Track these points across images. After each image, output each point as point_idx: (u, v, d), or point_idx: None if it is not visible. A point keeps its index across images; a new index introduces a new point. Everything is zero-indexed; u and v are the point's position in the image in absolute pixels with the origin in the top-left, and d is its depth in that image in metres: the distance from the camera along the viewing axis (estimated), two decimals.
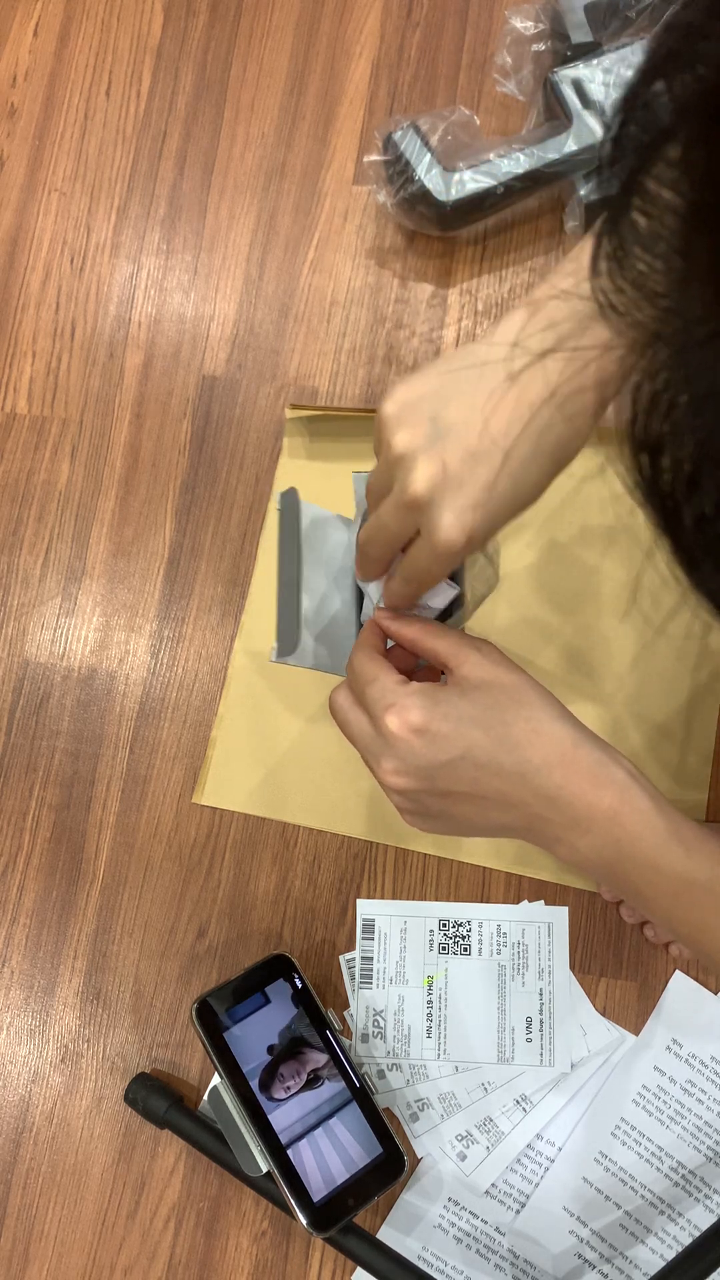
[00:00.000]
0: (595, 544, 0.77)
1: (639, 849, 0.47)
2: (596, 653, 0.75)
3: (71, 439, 0.83)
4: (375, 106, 0.87)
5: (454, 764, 0.47)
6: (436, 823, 0.51)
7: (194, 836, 0.76)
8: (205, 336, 0.85)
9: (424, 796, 0.49)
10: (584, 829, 0.48)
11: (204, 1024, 0.67)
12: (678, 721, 0.74)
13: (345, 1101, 0.67)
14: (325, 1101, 0.67)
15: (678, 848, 0.47)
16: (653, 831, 0.47)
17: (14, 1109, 0.73)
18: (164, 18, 0.91)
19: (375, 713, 0.49)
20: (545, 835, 0.49)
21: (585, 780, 0.47)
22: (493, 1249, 0.68)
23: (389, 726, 0.48)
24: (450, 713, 0.48)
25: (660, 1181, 0.68)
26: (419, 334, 0.82)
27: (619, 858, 0.48)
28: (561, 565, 0.77)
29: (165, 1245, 0.71)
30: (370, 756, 0.50)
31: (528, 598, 0.76)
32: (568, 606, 0.76)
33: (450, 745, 0.47)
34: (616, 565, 0.76)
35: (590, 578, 0.76)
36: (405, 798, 0.50)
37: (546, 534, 0.77)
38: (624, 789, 0.48)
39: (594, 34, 0.78)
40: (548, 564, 0.77)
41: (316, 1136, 0.66)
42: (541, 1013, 0.70)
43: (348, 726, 0.52)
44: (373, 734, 0.50)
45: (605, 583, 0.76)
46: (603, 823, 0.47)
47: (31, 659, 0.80)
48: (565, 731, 0.48)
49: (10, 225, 0.88)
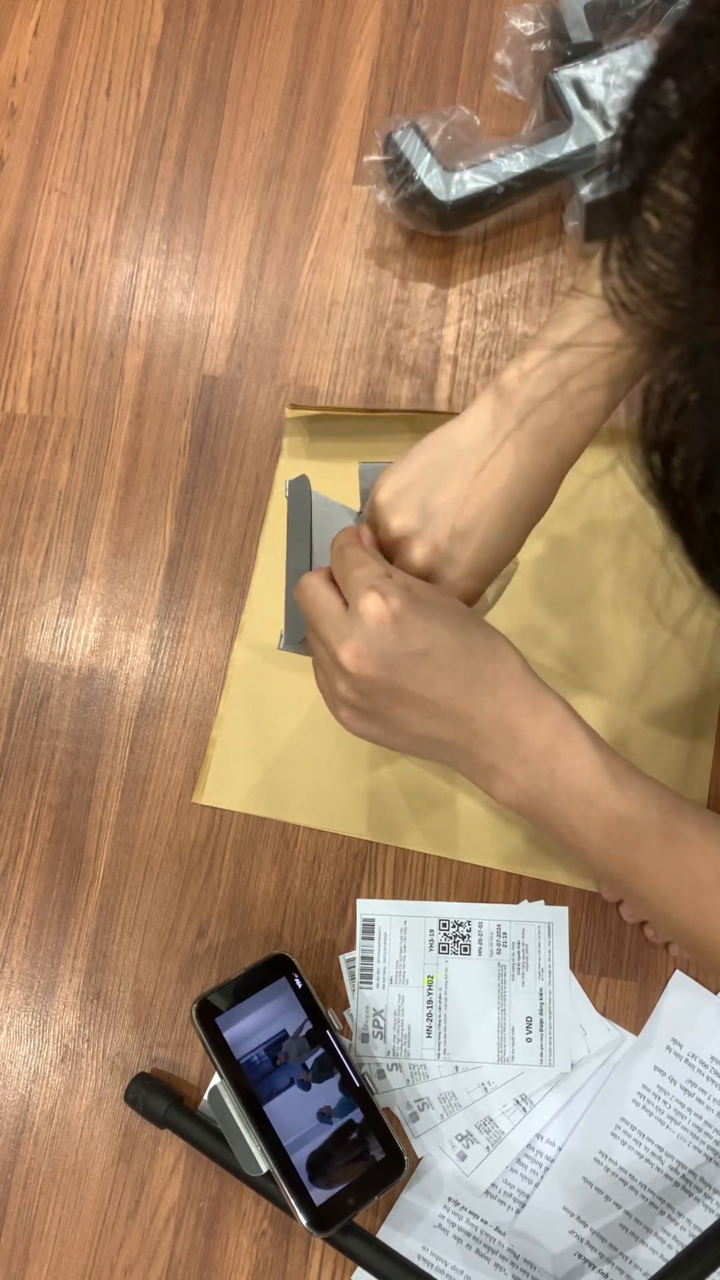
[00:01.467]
0: (604, 540, 0.77)
1: (573, 780, 0.48)
2: (599, 649, 0.75)
3: (71, 439, 0.83)
4: (375, 106, 0.87)
5: (416, 658, 0.48)
6: (374, 725, 0.52)
7: (194, 836, 0.76)
8: (205, 336, 0.85)
9: (374, 690, 0.49)
10: (520, 758, 0.49)
11: (204, 1024, 0.67)
12: (681, 720, 0.74)
13: (345, 1101, 0.67)
14: (325, 1101, 0.67)
15: (612, 785, 0.48)
16: (589, 764, 0.48)
17: (14, 1109, 0.73)
18: (164, 18, 0.91)
19: (356, 592, 0.50)
20: (480, 761, 0.50)
21: (528, 706, 0.49)
22: (493, 1249, 0.68)
23: (367, 606, 0.48)
24: (426, 610, 0.49)
25: (660, 1181, 0.68)
26: (419, 334, 0.82)
27: (553, 790, 0.48)
28: (568, 561, 0.77)
29: (165, 1245, 0.71)
30: (335, 635, 0.50)
31: (528, 593, 0.76)
32: (570, 603, 0.76)
33: (419, 639, 0.48)
34: (624, 562, 0.76)
35: (599, 573, 0.76)
36: (355, 688, 0.50)
37: (554, 529, 0.77)
38: (563, 721, 0.49)
39: (594, 34, 0.78)
40: (553, 560, 0.77)
41: (316, 1136, 0.66)
42: (541, 1013, 0.70)
43: (316, 605, 0.52)
44: (342, 614, 0.50)
45: (611, 580, 0.76)
46: (541, 751, 0.48)
47: (31, 659, 0.80)
48: (517, 661, 0.51)
49: (10, 225, 0.88)
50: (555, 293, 0.82)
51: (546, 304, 0.82)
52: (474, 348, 0.82)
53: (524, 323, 0.82)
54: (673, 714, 0.74)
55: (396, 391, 0.81)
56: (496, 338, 0.82)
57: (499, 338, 0.82)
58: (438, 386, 0.81)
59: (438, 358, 0.82)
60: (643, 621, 0.75)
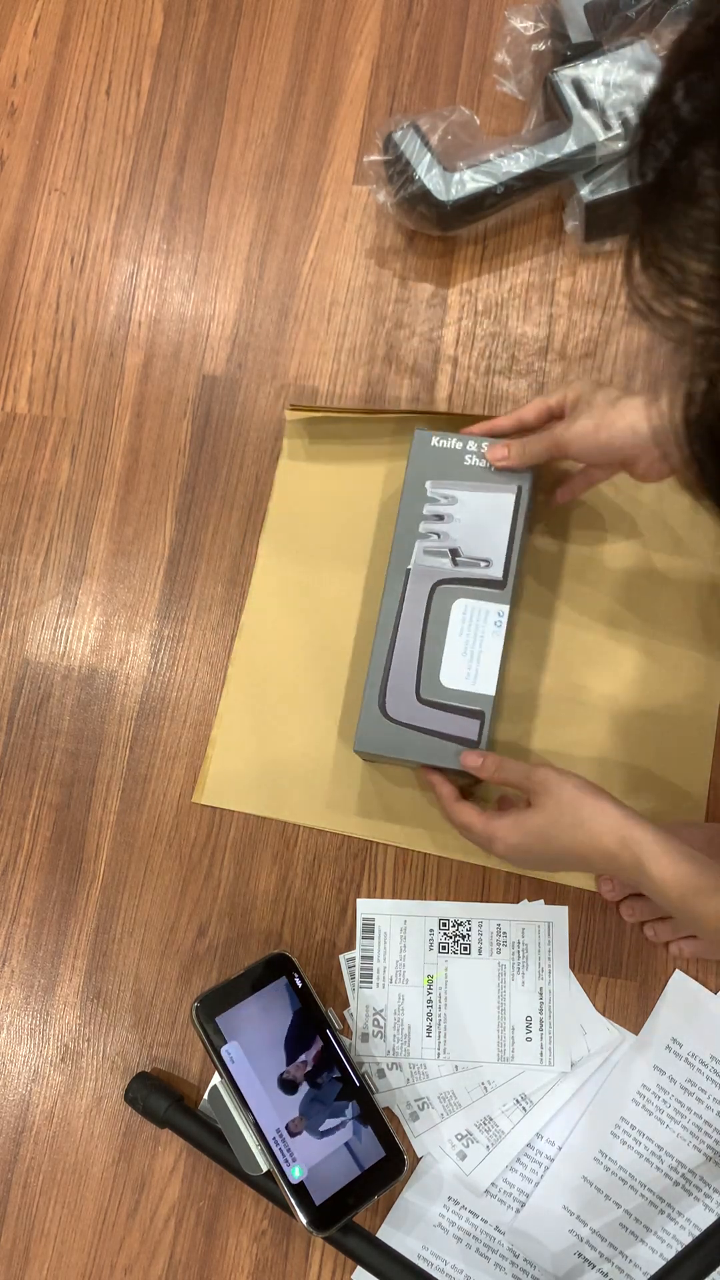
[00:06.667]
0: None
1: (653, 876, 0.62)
2: (607, 665, 0.75)
3: (71, 439, 0.83)
4: (375, 106, 0.87)
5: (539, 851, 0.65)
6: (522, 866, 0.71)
7: (194, 836, 0.76)
8: (205, 336, 0.85)
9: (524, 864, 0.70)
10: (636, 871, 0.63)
11: (204, 1023, 0.67)
12: (680, 732, 0.74)
13: (345, 1101, 0.67)
14: (325, 1101, 0.67)
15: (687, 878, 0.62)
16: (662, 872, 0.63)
17: (14, 1108, 0.73)
18: (164, 18, 0.91)
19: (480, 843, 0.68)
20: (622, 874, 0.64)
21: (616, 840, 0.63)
22: (492, 1248, 0.68)
23: (496, 850, 0.66)
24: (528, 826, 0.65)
25: (660, 1180, 0.68)
26: (419, 334, 0.82)
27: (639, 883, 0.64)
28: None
29: (165, 1244, 0.71)
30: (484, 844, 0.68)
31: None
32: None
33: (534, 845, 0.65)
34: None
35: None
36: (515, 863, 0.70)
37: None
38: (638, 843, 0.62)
39: (594, 34, 0.78)
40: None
41: (317, 1136, 0.66)
42: (541, 1012, 0.70)
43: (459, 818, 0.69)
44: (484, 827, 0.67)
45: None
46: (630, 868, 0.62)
47: (32, 659, 0.80)
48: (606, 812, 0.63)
49: (10, 225, 0.88)
50: (555, 293, 0.82)
51: (546, 304, 0.82)
52: (474, 347, 0.82)
53: (524, 323, 0.82)
54: (677, 721, 0.74)
55: (396, 391, 0.82)
56: (496, 338, 0.82)
57: (499, 338, 0.82)
58: (438, 386, 0.81)
59: (438, 357, 0.82)
60: (636, 634, 0.75)
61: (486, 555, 0.71)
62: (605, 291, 0.82)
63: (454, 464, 0.72)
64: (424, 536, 0.71)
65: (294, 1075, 0.67)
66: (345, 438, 0.81)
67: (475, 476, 0.72)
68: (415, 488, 0.72)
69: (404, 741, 0.69)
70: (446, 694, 0.69)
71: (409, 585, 0.71)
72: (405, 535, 0.72)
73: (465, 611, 0.70)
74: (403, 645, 0.70)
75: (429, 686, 0.70)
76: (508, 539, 0.71)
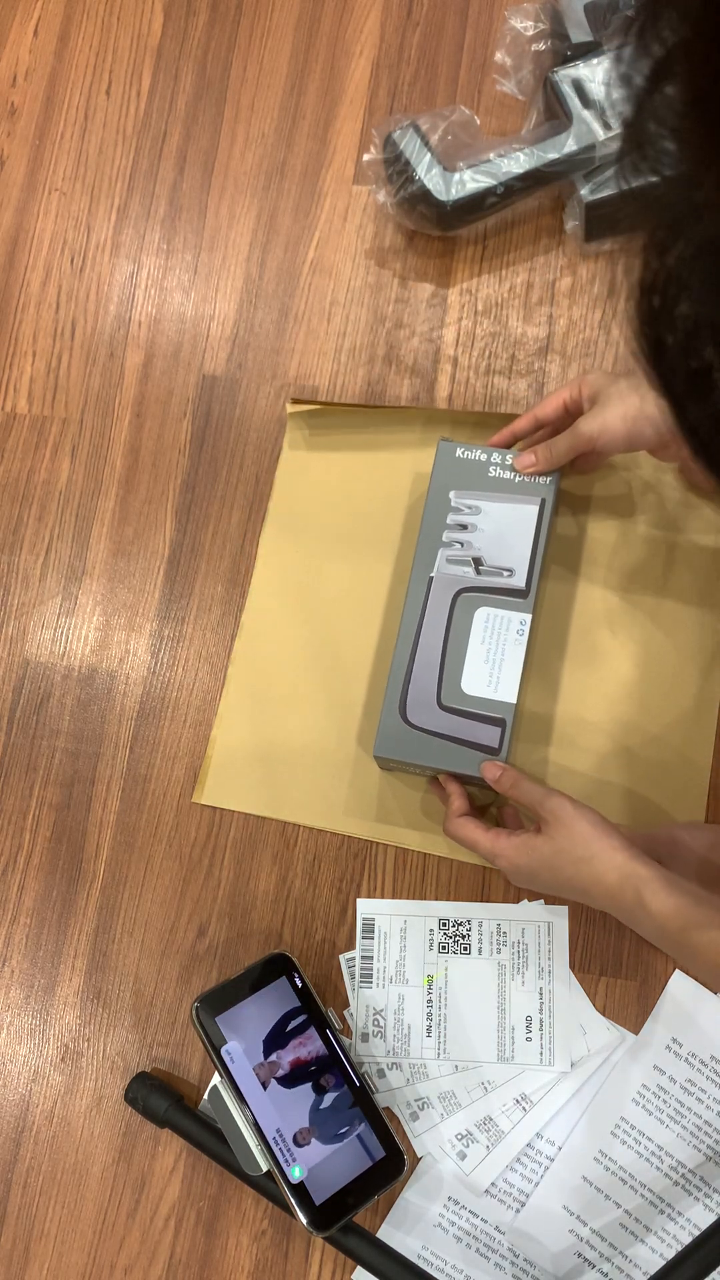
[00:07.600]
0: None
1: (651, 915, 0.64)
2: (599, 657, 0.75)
3: (71, 438, 0.83)
4: (375, 106, 0.87)
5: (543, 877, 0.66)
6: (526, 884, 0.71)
7: (194, 836, 0.76)
8: (205, 336, 0.85)
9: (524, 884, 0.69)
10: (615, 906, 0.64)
11: (204, 1023, 0.67)
12: (682, 725, 0.74)
13: (345, 1101, 0.67)
14: (325, 1100, 0.67)
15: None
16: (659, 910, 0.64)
17: (14, 1108, 0.73)
18: (164, 18, 0.91)
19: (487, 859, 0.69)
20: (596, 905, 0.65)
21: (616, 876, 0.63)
22: (492, 1248, 0.68)
23: (498, 865, 0.68)
24: (535, 853, 0.66)
25: (660, 1180, 0.68)
26: (419, 333, 0.82)
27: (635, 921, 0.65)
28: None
29: (165, 1244, 0.71)
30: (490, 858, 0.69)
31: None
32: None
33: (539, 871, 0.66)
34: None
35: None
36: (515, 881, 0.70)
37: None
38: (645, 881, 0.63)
39: (594, 33, 0.78)
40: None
41: (317, 1136, 0.66)
42: (541, 1012, 0.70)
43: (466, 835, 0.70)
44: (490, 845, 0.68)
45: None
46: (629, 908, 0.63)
47: (32, 658, 0.80)
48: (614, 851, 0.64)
49: (10, 225, 0.88)
50: (555, 293, 0.82)
51: (547, 304, 0.82)
52: (474, 347, 0.82)
53: (524, 323, 0.82)
54: (677, 717, 0.74)
55: (396, 391, 0.82)
56: (496, 337, 0.82)
57: (499, 337, 0.82)
58: (438, 386, 0.81)
59: (438, 357, 0.82)
60: (636, 624, 0.75)
61: (510, 565, 0.71)
62: (605, 291, 0.82)
63: (479, 475, 0.72)
64: (447, 545, 0.71)
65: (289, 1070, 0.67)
66: (346, 430, 0.81)
67: (500, 488, 0.72)
68: (439, 497, 0.72)
69: (424, 747, 0.69)
70: (468, 701, 0.69)
71: (431, 593, 0.71)
72: (428, 543, 0.72)
73: (487, 619, 0.70)
74: (424, 652, 0.70)
75: (450, 693, 0.69)
76: (530, 549, 0.71)
